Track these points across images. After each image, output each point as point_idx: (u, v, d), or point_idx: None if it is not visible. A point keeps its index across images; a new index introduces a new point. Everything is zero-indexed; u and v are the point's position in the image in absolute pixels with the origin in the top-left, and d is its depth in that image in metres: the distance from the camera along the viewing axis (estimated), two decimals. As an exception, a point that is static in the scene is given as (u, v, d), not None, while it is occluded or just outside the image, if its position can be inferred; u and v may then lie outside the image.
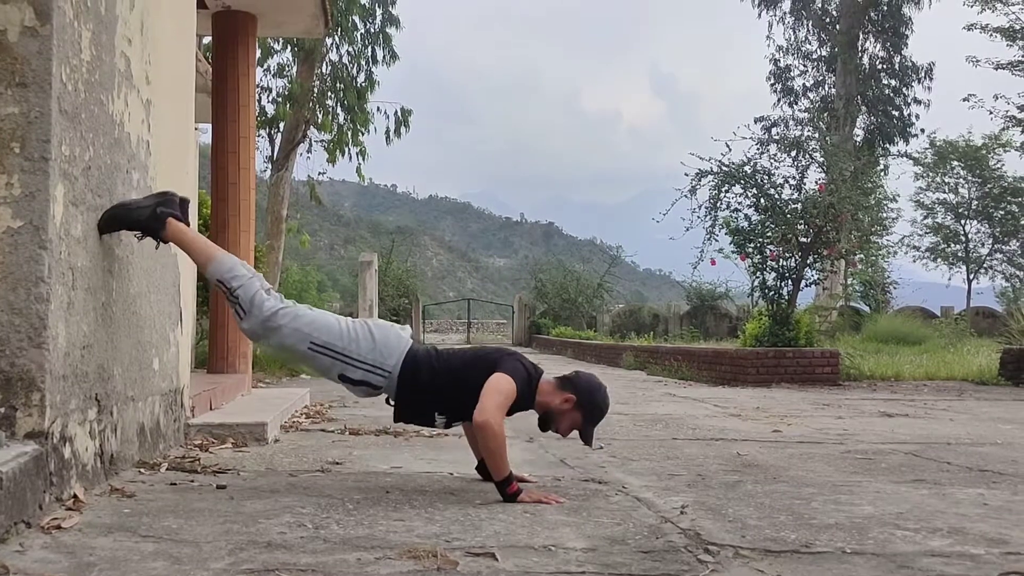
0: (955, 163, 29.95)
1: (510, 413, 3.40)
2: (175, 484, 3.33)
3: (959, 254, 30.45)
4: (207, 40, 9.43)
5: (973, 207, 29.91)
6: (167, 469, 3.63)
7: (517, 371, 3.37)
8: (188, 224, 3.52)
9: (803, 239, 11.34)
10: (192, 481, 3.42)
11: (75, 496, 2.80)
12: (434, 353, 3.50)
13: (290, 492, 3.28)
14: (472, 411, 3.27)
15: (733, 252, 12.03)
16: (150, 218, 3.33)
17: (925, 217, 31.17)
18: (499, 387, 3.28)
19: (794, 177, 11.86)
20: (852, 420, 6.42)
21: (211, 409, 5.16)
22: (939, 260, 31.02)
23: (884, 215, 26.76)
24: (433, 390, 3.41)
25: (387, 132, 17.17)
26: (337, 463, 4.05)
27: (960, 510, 3.15)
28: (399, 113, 17.21)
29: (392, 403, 3.49)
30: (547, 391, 3.45)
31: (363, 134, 16.83)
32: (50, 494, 2.65)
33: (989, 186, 29.18)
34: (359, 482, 3.55)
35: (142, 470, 3.54)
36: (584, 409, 3.44)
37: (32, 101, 2.65)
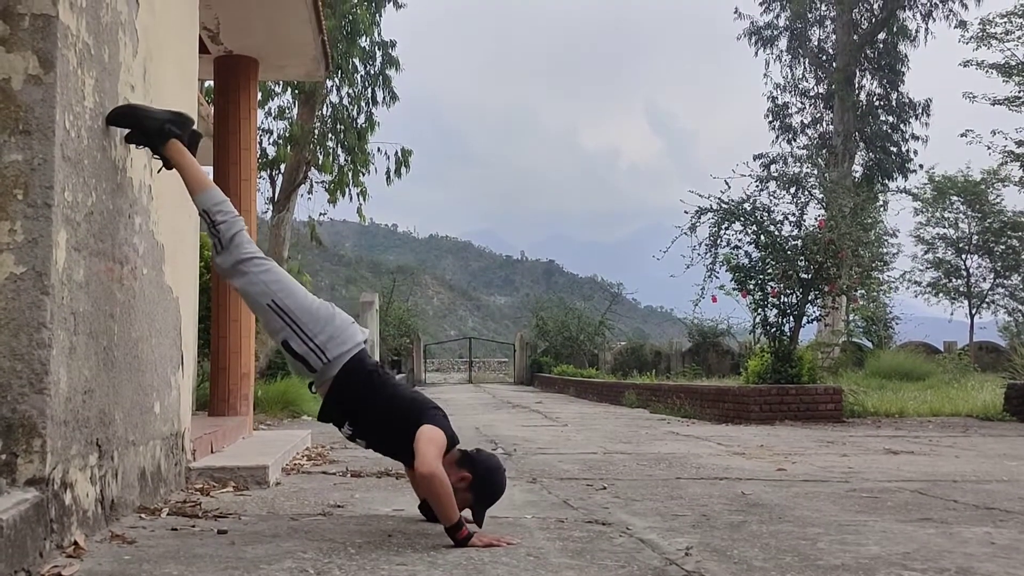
0: (954, 198, 30.05)
1: None
2: (176, 529, 3.31)
3: (961, 289, 30.45)
4: (209, 84, 9.53)
5: (973, 242, 29.95)
6: (168, 514, 3.61)
7: (443, 424, 3.37)
8: (194, 153, 3.57)
9: (804, 275, 11.35)
10: (193, 526, 3.40)
11: (75, 543, 2.78)
12: (377, 373, 3.50)
13: (292, 536, 3.26)
14: (385, 446, 3.49)
15: (734, 289, 12.04)
16: (156, 132, 3.40)
17: (926, 252, 31.21)
18: (433, 437, 3.27)
19: (794, 214, 11.92)
20: (857, 458, 6.38)
21: (212, 452, 5.14)
22: (941, 295, 31.00)
23: (884, 250, 26.84)
24: (358, 407, 3.44)
25: (387, 172, 17.29)
26: (339, 506, 4.03)
27: (967, 549, 3.13)
28: (399, 153, 17.34)
29: (314, 391, 3.56)
30: (448, 462, 3.36)
31: (363, 174, 16.95)
32: (51, 541, 2.63)
33: (989, 221, 29.24)
34: (361, 525, 3.52)
35: (143, 515, 3.52)
36: (477, 491, 3.38)
37: (35, 148, 2.68)
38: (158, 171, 3.65)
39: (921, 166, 30.34)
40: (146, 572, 2.61)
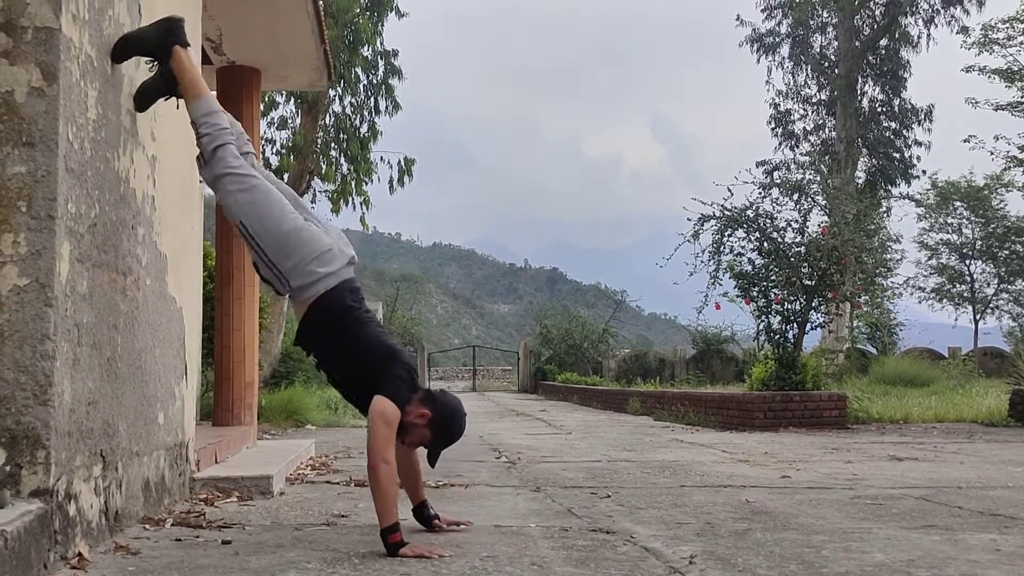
0: (958, 204, 30.02)
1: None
2: (180, 540, 3.31)
3: (965, 294, 30.38)
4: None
5: (977, 247, 29.91)
6: (172, 525, 3.61)
7: (399, 391, 3.30)
8: (186, 45, 3.55)
9: (807, 282, 11.33)
10: (197, 537, 3.40)
11: (79, 554, 2.78)
12: (353, 311, 3.45)
13: (295, 547, 3.26)
14: (344, 389, 3.49)
15: (738, 296, 12.03)
16: (158, 47, 3.41)
17: (929, 258, 31.16)
18: (385, 417, 3.21)
19: (797, 220, 11.90)
20: (861, 464, 6.37)
21: (216, 462, 5.14)
22: (945, 301, 30.94)
23: (888, 256, 26.78)
24: (325, 342, 3.44)
25: (390, 181, 17.30)
26: (343, 516, 4.03)
27: (972, 556, 3.12)
28: (402, 162, 17.35)
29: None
30: (412, 400, 3.37)
31: (367, 183, 16.96)
32: (55, 553, 2.64)
33: (993, 226, 29.20)
34: (365, 535, 3.52)
35: (147, 526, 3.52)
36: (436, 428, 3.39)
37: (39, 160, 2.69)
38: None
39: (924, 172, 30.32)
40: (150, 583, 2.62)
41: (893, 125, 30.29)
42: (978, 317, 29.75)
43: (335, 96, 16.79)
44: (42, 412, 2.62)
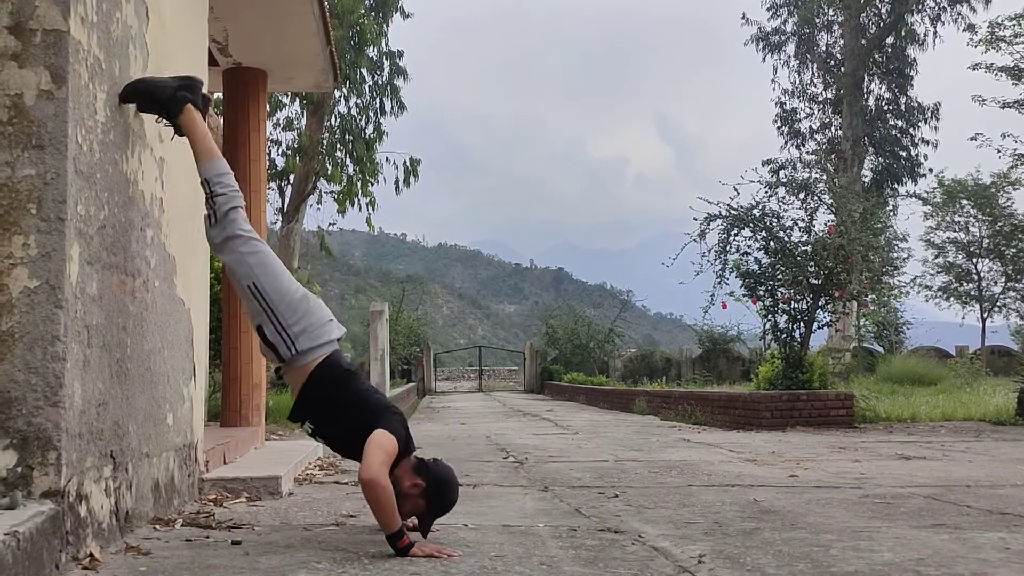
0: (965, 202, 29.95)
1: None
2: (190, 540, 3.32)
3: (972, 293, 30.31)
4: (217, 96, 9.58)
5: (984, 245, 29.84)
6: (182, 525, 3.62)
7: (397, 431, 3.34)
8: (206, 115, 3.60)
9: (814, 281, 11.33)
10: (207, 537, 3.41)
11: (91, 555, 2.79)
12: (353, 374, 3.52)
13: (305, 547, 3.26)
14: (343, 447, 3.51)
15: (744, 295, 12.02)
16: (170, 100, 3.43)
17: (936, 256, 31.09)
18: (382, 443, 3.25)
19: (803, 219, 11.89)
20: (869, 463, 6.36)
21: (225, 463, 5.15)
22: (952, 299, 30.87)
23: (895, 255, 26.76)
24: (326, 406, 3.46)
25: (396, 182, 17.34)
26: (351, 516, 4.04)
27: (981, 555, 3.12)
28: (408, 163, 17.39)
29: (280, 375, 3.58)
30: (404, 468, 3.35)
31: (372, 184, 17.00)
32: (66, 553, 2.65)
33: (1000, 224, 29.12)
34: (374, 535, 3.53)
35: (157, 527, 3.53)
36: (429, 499, 3.36)
37: (48, 163, 2.70)
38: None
39: (931, 170, 30.28)
40: (161, 583, 2.63)
41: (900, 123, 30.25)
42: (985, 315, 29.68)
43: (340, 97, 16.83)
44: (53, 413, 2.64)
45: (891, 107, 30.37)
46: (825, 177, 13.38)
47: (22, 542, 2.30)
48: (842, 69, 30.31)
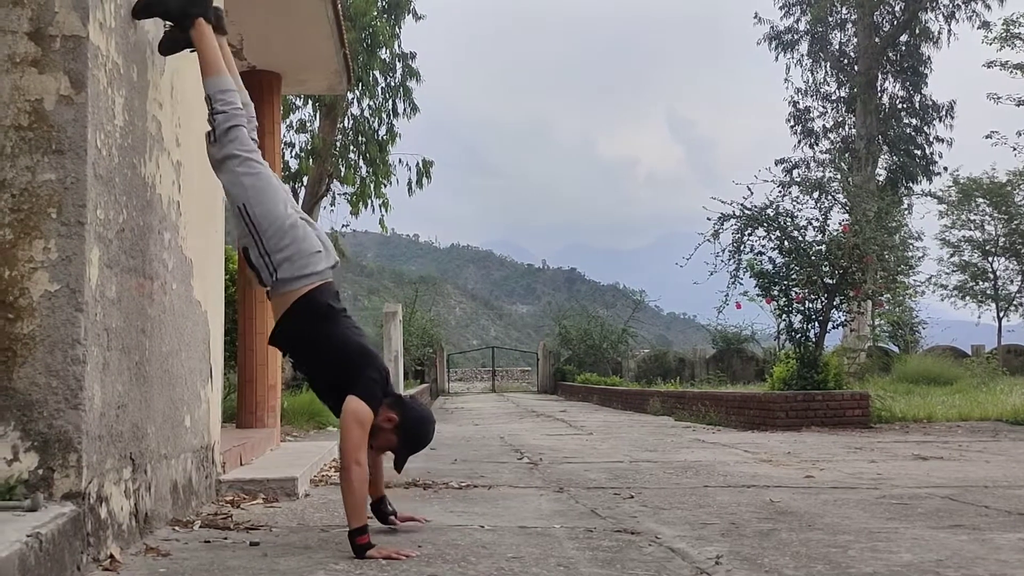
0: (980, 200, 29.77)
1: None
2: (209, 542, 3.34)
3: (988, 291, 30.13)
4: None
5: (1000, 244, 29.65)
6: (200, 526, 3.64)
7: (372, 392, 3.32)
8: (224, 32, 3.61)
9: (828, 281, 11.30)
10: (225, 538, 3.43)
11: (111, 556, 2.82)
12: (332, 310, 3.45)
13: (323, 548, 3.28)
14: (317, 388, 3.52)
15: (758, 295, 12.00)
16: (180, 13, 3.42)
17: (952, 255, 30.91)
18: (359, 418, 3.24)
19: (817, 219, 11.87)
20: (886, 464, 6.34)
21: (241, 464, 5.18)
22: (968, 298, 30.69)
23: (910, 254, 26.63)
24: (303, 341, 3.44)
25: (409, 183, 17.36)
26: (368, 517, 4.04)
27: (1001, 556, 3.10)
28: (421, 164, 17.41)
29: (270, 297, 3.54)
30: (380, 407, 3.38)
31: (385, 186, 17.02)
32: (87, 555, 2.67)
33: (1016, 222, 28.93)
34: (391, 537, 3.54)
35: (176, 528, 3.55)
36: (402, 433, 3.40)
37: (68, 168, 2.72)
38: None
39: (946, 168, 30.09)
40: (181, 585, 2.64)
41: (914, 121, 30.10)
42: (1001, 314, 29.49)
43: (353, 99, 16.86)
44: (73, 416, 2.66)
45: (905, 105, 30.22)
46: (839, 176, 13.33)
47: (44, 544, 2.32)
48: (856, 67, 30.18)
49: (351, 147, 16.91)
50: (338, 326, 3.45)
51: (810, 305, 11.34)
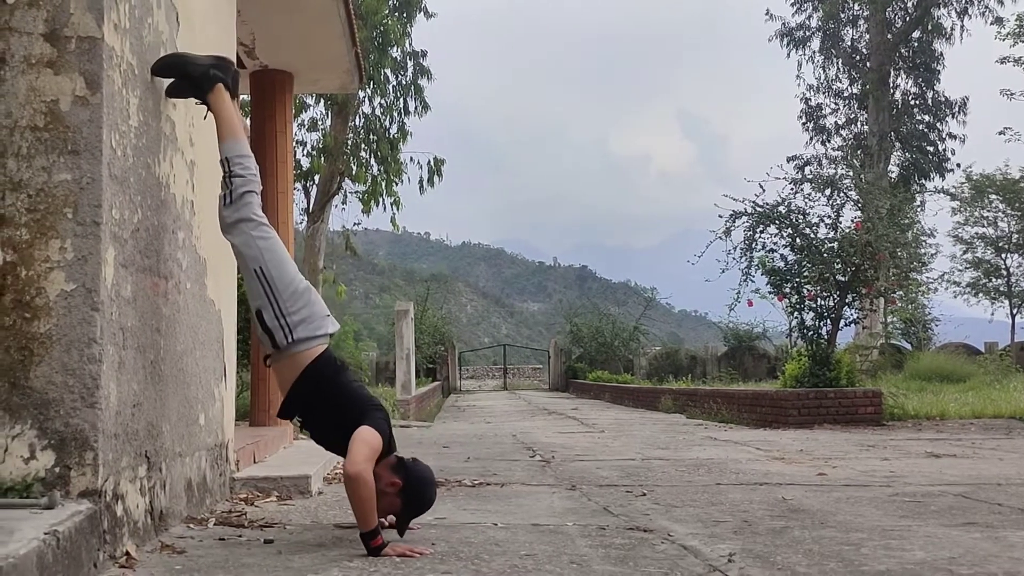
0: (993, 197, 29.65)
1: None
2: (223, 539, 3.36)
3: (1001, 288, 30.01)
4: (245, 98, 9.65)
5: (1013, 240, 29.52)
6: (215, 524, 3.67)
7: (381, 428, 3.37)
8: (236, 96, 3.65)
9: (841, 278, 11.27)
10: (240, 536, 3.45)
11: (127, 553, 2.84)
12: (346, 371, 3.56)
13: (336, 545, 3.30)
14: (328, 441, 3.54)
15: (770, 292, 11.98)
16: (202, 77, 3.47)
17: (964, 252, 30.82)
18: (368, 439, 3.28)
19: (829, 216, 11.83)
20: (898, 461, 6.33)
21: (255, 462, 5.20)
22: (981, 295, 30.58)
23: (922, 251, 26.51)
24: (316, 400, 3.48)
25: (420, 181, 17.37)
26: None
27: (1014, 554, 3.10)
28: (432, 163, 17.42)
29: (268, 364, 3.60)
30: (383, 467, 3.38)
31: (396, 184, 17.04)
32: (104, 552, 2.69)
33: (1029, 219, 28.83)
34: (406, 534, 3.55)
35: (191, 525, 3.58)
36: (406, 498, 3.39)
37: (84, 168, 2.74)
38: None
39: (958, 165, 29.97)
40: (196, 582, 2.66)
41: (926, 118, 29.97)
42: (1015, 311, 29.37)
43: (365, 97, 16.88)
44: (89, 414, 2.68)
45: (918, 102, 30.09)
46: (851, 173, 13.28)
47: (62, 541, 2.34)
48: (868, 64, 30.06)
49: (362, 145, 16.94)
50: (350, 385, 3.54)
51: (822, 302, 11.31)
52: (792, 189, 12.03)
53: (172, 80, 3.49)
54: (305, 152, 16.70)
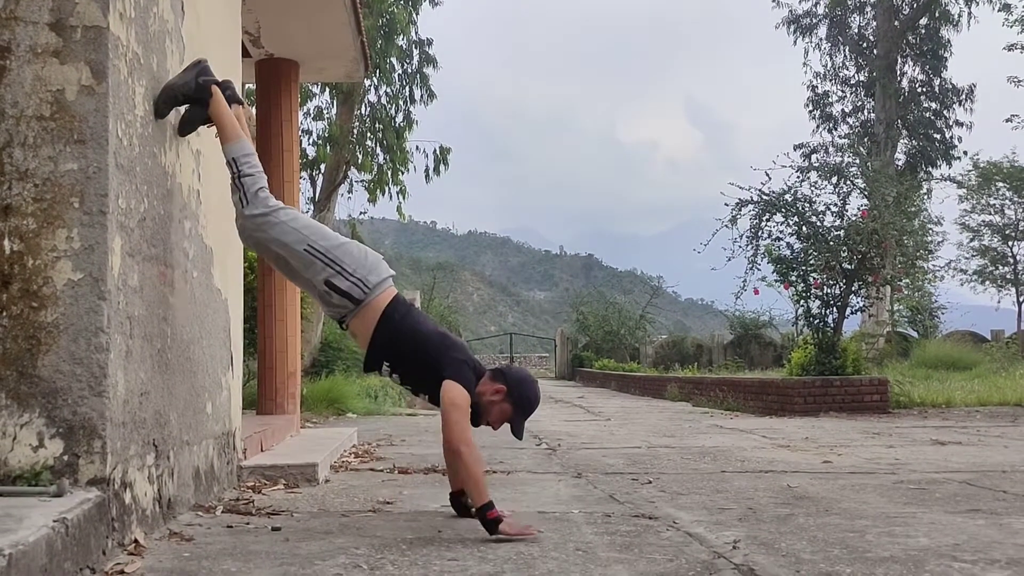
0: (1000, 184, 29.48)
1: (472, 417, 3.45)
2: (231, 527, 3.38)
3: (1008, 276, 29.87)
4: (250, 87, 9.65)
5: (1020, 228, 29.38)
6: (223, 512, 3.69)
7: (463, 373, 3.42)
8: (240, 101, 3.69)
9: (847, 266, 11.25)
10: (248, 523, 3.47)
11: (136, 541, 2.86)
12: (415, 308, 3.66)
13: (343, 533, 3.31)
14: (414, 383, 3.59)
15: (776, 281, 11.96)
16: (197, 90, 3.47)
17: (971, 240, 30.64)
18: (455, 401, 3.33)
19: (836, 204, 11.80)
20: (903, 449, 6.33)
21: (262, 451, 5.22)
22: (987, 283, 30.43)
23: (929, 239, 26.43)
24: (397, 341, 3.51)
25: (426, 170, 17.33)
26: (388, 503, 4.08)
27: (1018, 540, 3.11)
28: (438, 151, 17.38)
29: (345, 327, 3.63)
30: (483, 385, 3.48)
31: (403, 173, 17.01)
32: (112, 539, 2.71)
33: (1036, 206, 28.66)
34: (411, 521, 3.58)
35: (199, 513, 3.60)
36: (515, 400, 3.49)
37: (90, 157, 2.75)
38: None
39: (965, 152, 29.79)
40: (205, 569, 2.68)
41: (933, 105, 29.82)
42: (1021, 299, 29.24)
43: (371, 86, 16.84)
44: (97, 403, 2.70)
45: (925, 89, 29.94)
46: (858, 161, 13.25)
47: (70, 528, 2.36)
48: (875, 51, 29.92)
49: (368, 134, 16.91)
50: (423, 320, 3.63)
51: (828, 291, 11.30)
52: (798, 177, 12.01)
53: (181, 118, 3.51)
54: (311, 141, 16.67)
